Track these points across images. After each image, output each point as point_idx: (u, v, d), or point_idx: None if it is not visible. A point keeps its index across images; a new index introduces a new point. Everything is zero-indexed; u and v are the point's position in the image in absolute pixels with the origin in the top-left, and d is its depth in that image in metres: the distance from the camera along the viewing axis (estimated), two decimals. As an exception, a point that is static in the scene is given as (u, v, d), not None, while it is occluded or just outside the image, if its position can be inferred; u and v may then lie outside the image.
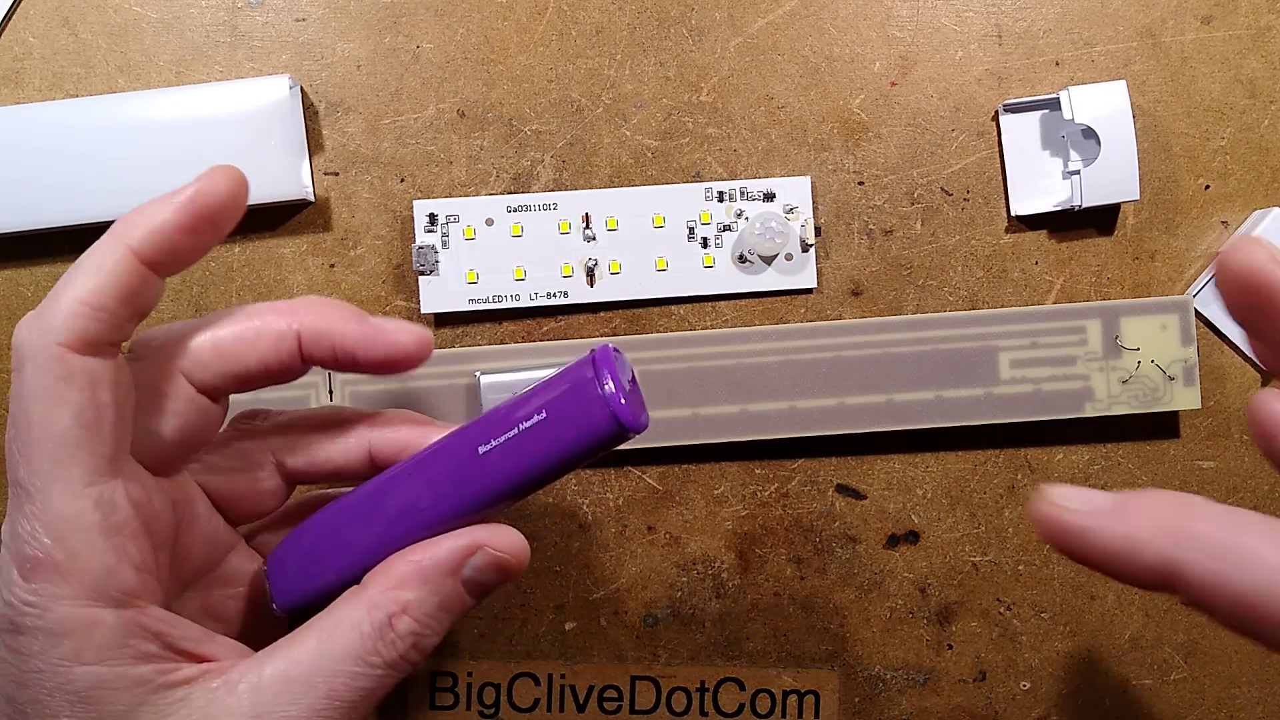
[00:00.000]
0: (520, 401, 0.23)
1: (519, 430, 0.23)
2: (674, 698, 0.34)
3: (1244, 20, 0.33)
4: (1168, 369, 0.32)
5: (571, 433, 0.23)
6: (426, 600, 0.22)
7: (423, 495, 0.23)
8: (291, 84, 0.33)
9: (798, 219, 0.33)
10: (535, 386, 0.24)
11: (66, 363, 0.20)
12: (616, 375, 0.22)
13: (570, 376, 0.23)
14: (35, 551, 0.20)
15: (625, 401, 0.22)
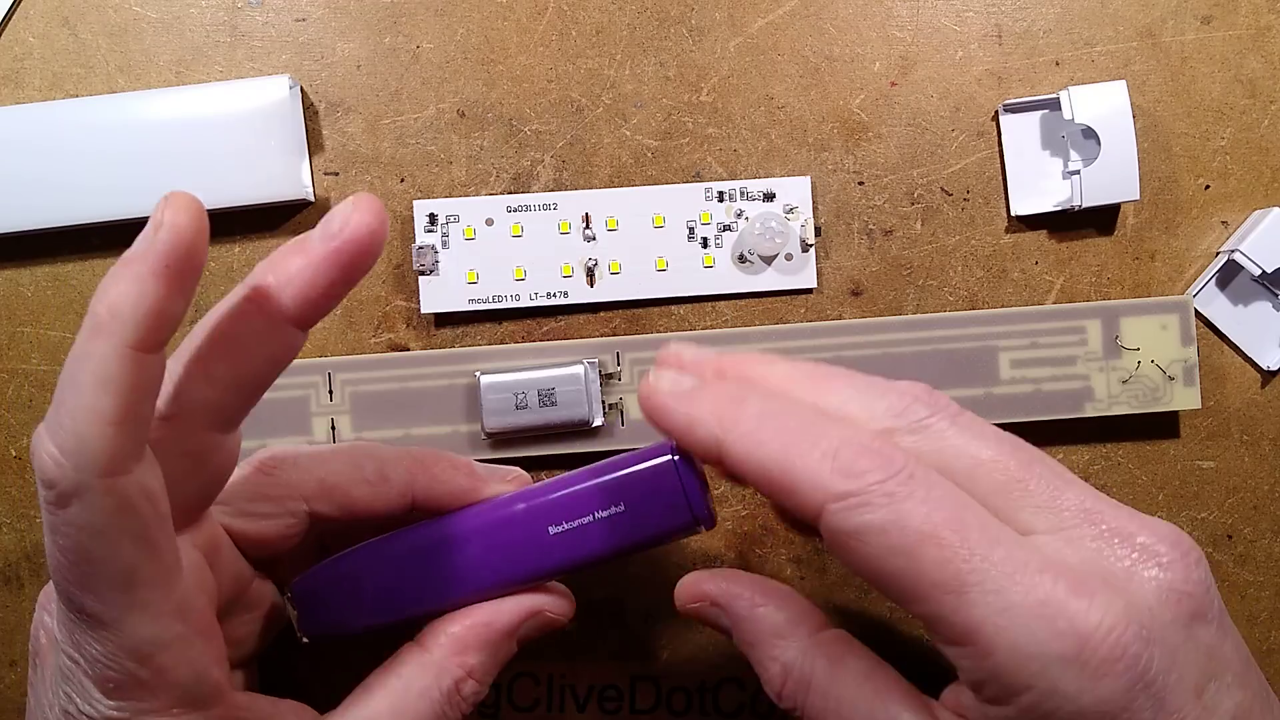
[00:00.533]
0: (597, 485, 0.24)
1: (594, 518, 0.24)
2: (674, 698, 0.34)
3: (1244, 20, 0.33)
4: (1168, 369, 0.32)
5: (648, 528, 0.23)
6: (487, 663, 0.24)
7: (487, 562, 0.24)
8: (291, 84, 0.33)
9: (798, 219, 0.33)
10: (607, 468, 0.24)
11: (116, 493, 0.19)
12: (694, 473, 0.23)
13: (650, 469, 0.24)
14: (118, 675, 0.19)
15: (703, 500, 0.23)
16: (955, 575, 0.19)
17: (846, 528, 0.20)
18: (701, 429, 0.21)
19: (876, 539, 0.19)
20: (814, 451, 0.20)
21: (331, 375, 0.33)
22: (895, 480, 0.19)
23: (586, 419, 0.32)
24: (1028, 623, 0.18)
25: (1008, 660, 0.18)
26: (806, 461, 0.20)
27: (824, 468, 0.20)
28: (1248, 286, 0.33)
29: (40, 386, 0.34)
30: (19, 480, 0.34)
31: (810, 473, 0.20)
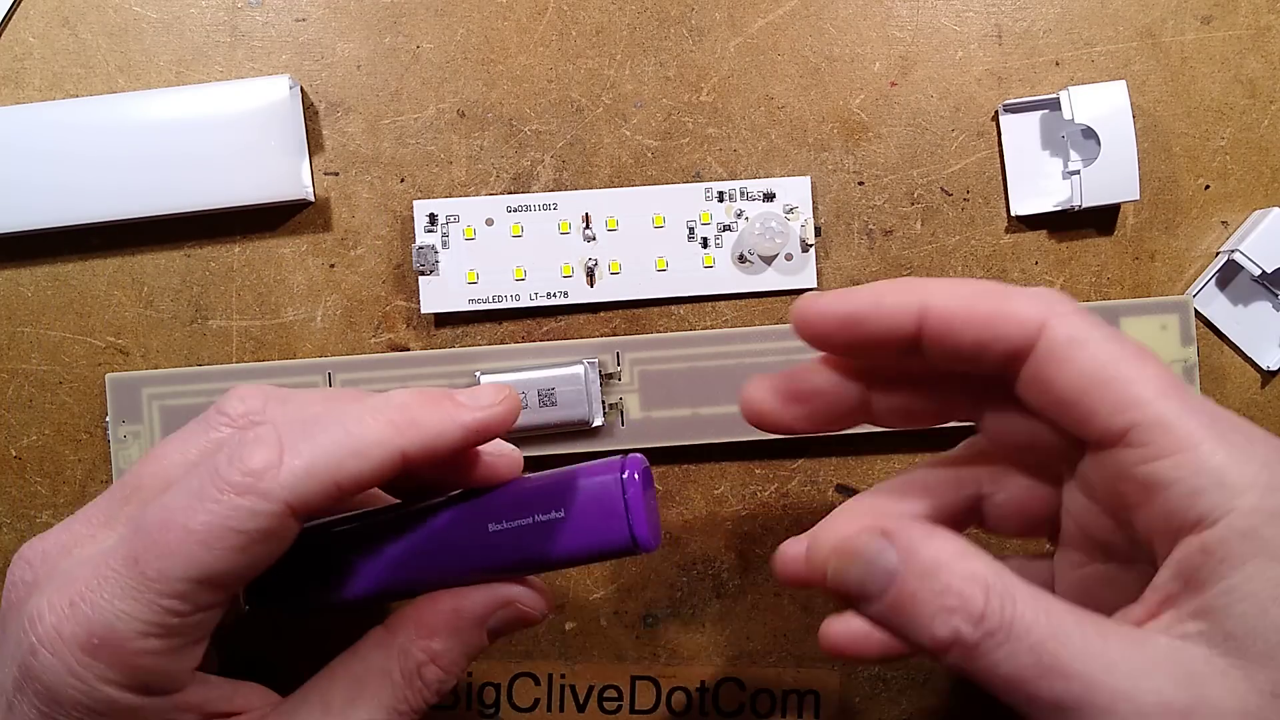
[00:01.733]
0: (542, 488, 0.23)
1: (533, 520, 0.23)
2: (674, 698, 0.34)
3: (1244, 20, 0.33)
4: (1168, 369, 0.32)
5: (583, 539, 0.23)
6: (454, 649, 0.23)
7: (428, 554, 0.23)
8: (291, 84, 0.33)
9: (798, 219, 0.33)
10: (559, 474, 0.23)
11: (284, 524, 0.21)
12: (641, 494, 0.23)
13: (596, 482, 0.23)
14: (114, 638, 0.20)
15: (646, 522, 0.23)
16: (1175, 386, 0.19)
17: (1071, 333, 0.20)
18: (893, 295, 0.21)
19: (1101, 345, 0.20)
20: (1018, 291, 0.21)
21: (331, 375, 0.33)
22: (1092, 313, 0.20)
23: (586, 419, 0.32)
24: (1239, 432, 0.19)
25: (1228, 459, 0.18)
26: (1016, 295, 0.20)
27: (1034, 297, 0.20)
28: (1248, 286, 0.33)
29: (40, 386, 0.34)
30: (19, 480, 0.34)
31: (1025, 299, 0.20)
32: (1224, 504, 0.18)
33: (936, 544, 0.19)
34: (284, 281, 0.34)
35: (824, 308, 0.21)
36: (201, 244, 0.34)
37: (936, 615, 0.18)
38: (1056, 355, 0.20)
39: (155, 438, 0.33)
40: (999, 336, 0.20)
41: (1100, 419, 0.19)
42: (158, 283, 0.34)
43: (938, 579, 0.19)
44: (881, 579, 0.19)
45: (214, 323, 0.34)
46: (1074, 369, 0.19)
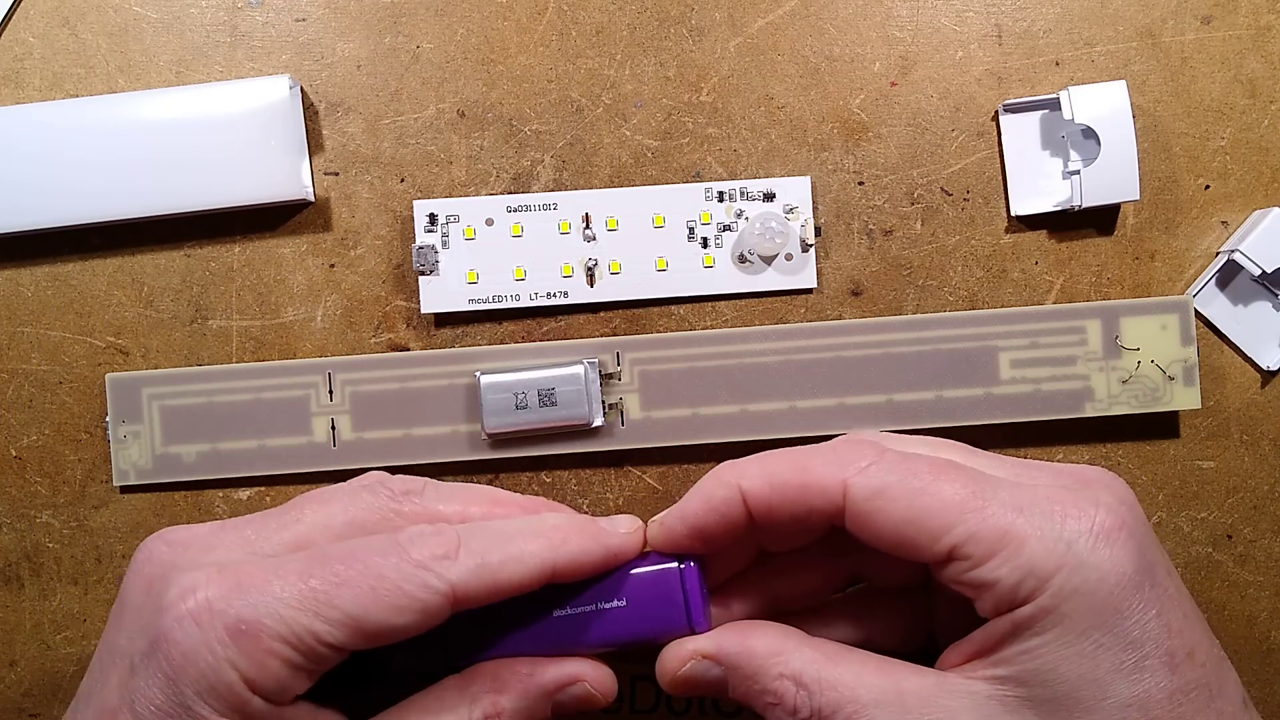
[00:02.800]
0: (607, 577, 0.26)
1: (596, 608, 0.25)
2: (674, 698, 0.34)
3: (1244, 20, 0.33)
4: (1168, 369, 0.32)
5: (645, 627, 0.25)
6: (519, 712, 0.24)
7: (498, 632, 0.25)
8: (291, 84, 0.33)
9: (798, 219, 0.33)
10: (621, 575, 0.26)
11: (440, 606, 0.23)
12: (700, 588, 0.25)
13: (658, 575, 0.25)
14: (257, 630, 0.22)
15: (703, 611, 0.25)
16: (974, 494, 0.22)
17: (871, 489, 0.23)
18: (719, 494, 0.24)
19: (898, 489, 0.23)
20: (820, 457, 0.24)
21: (331, 375, 0.33)
22: (891, 452, 0.23)
23: (586, 419, 0.32)
24: (1043, 516, 0.22)
25: (1039, 547, 0.22)
26: (817, 463, 0.24)
27: (833, 461, 0.24)
28: (1248, 286, 0.33)
29: (40, 386, 0.34)
30: (19, 480, 0.34)
31: (824, 466, 0.24)
32: (1036, 589, 0.22)
33: (752, 648, 0.24)
34: (284, 281, 0.34)
35: (669, 530, 0.25)
36: (201, 244, 0.34)
37: (765, 708, 0.24)
38: (864, 512, 0.23)
39: (155, 437, 0.33)
40: (812, 508, 0.24)
41: (923, 552, 0.23)
42: (158, 283, 0.34)
43: (757, 681, 0.24)
44: (720, 689, 0.25)
45: (214, 323, 0.34)
46: (883, 520, 0.23)
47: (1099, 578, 0.21)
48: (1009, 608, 0.22)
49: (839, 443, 0.24)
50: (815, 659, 0.24)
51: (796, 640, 0.24)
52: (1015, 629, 0.22)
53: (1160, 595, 0.22)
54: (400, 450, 0.33)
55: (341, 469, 0.33)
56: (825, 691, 0.23)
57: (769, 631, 0.25)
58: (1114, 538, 0.22)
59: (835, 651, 0.24)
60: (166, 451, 0.33)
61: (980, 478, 0.23)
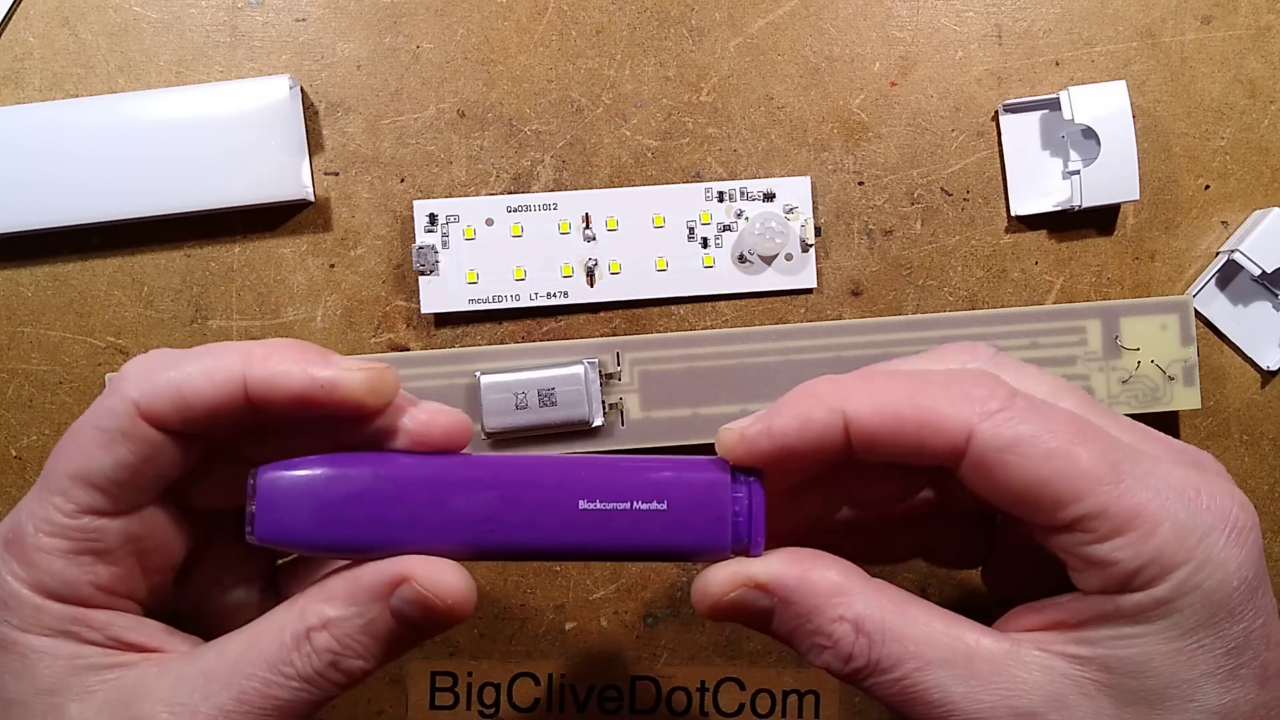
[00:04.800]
0: (646, 475, 0.22)
1: (631, 506, 0.22)
2: (674, 698, 0.34)
3: (1244, 20, 0.33)
4: (1167, 369, 0.32)
5: (683, 538, 0.22)
6: (349, 621, 0.21)
7: (496, 516, 0.22)
8: (291, 84, 0.33)
9: (798, 219, 0.33)
10: (662, 463, 0.22)
11: (134, 423, 0.21)
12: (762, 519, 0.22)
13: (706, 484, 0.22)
14: (20, 533, 0.22)
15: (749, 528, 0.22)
16: (1113, 465, 0.20)
17: (1002, 440, 0.20)
18: (817, 416, 0.21)
19: (1030, 445, 0.20)
20: (942, 391, 0.21)
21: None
22: (1022, 397, 0.21)
23: (586, 419, 0.32)
24: (1180, 501, 0.20)
25: (1171, 535, 0.20)
26: (940, 397, 0.21)
27: (959, 397, 0.20)
28: (1248, 286, 0.33)
29: (40, 386, 0.34)
30: (19, 480, 0.34)
31: (949, 403, 0.20)
32: (1156, 577, 0.20)
33: (813, 583, 0.21)
34: (284, 281, 0.34)
35: (750, 445, 0.22)
36: (201, 244, 0.34)
37: (811, 649, 0.21)
38: (990, 463, 0.20)
39: (155, 438, 0.33)
40: (926, 448, 0.21)
41: (1044, 517, 0.20)
42: (158, 283, 0.34)
43: (811, 620, 0.21)
44: (764, 622, 0.22)
45: (214, 323, 0.34)
46: (1008, 474, 0.20)
47: (1223, 577, 0.20)
48: (1118, 589, 0.20)
49: (961, 375, 0.21)
50: (882, 604, 0.21)
51: (861, 580, 0.22)
52: (1117, 612, 0.20)
53: (1268, 604, 0.20)
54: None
55: (341, 469, 0.33)
56: (888, 643, 0.21)
57: (831, 566, 0.22)
58: (1245, 537, 0.20)
59: (901, 599, 0.21)
60: (166, 451, 0.33)
61: (1117, 446, 0.20)
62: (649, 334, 0.33)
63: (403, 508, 0.21)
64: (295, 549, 0.22)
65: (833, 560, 0.22)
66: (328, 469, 0.21)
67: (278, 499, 0.21)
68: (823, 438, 0.21)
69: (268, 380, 0.21)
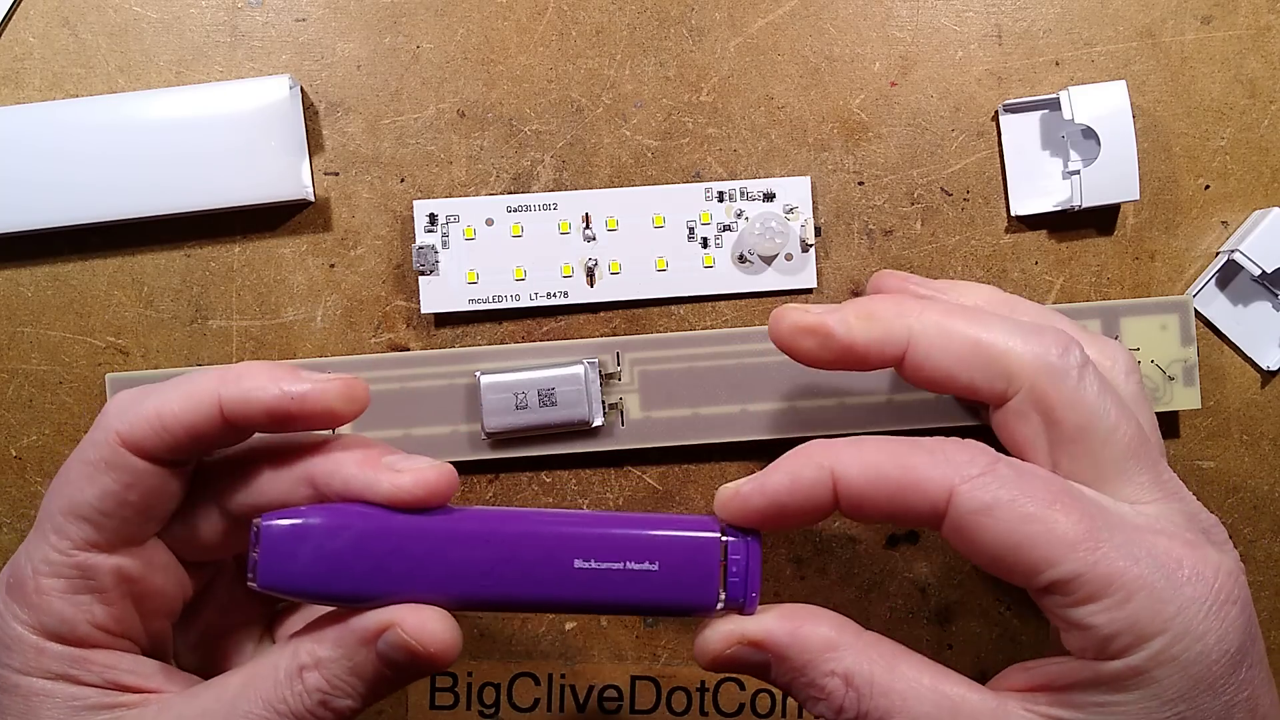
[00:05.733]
0: (638, 529, 0.23)
1: (625, 566, 0.23)
2: (674, 698, 0.34)
3: (1244, 20, 0.33)
4: (1167, 369, 0.32)
5: (673, 597, 0.23)
6: (338, 662, 0.22)
7: (493, 571, 0.22)
8: (291, 84, 0.33)
9: (798, 219, 0.33)
10: (654, 522, 0.23)
11: (116, 453, 0.22)
12: (757, 577, 0.23)
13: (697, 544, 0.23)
14: (21, 577, 0.22)
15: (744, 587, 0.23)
16: (1089, 531, 0.20)
17: (980, 503, 0.21)
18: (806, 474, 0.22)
19: (1008, 509, 0.21)
20: (926, 455, 0.22)
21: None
22: (1004, 463, 0.22)
23: (586, 419, 0.32)
24: (1159, 571, 0.20)
25: (1146, 604, 0.20)
26: (924, 461, 0.22)
27: (942, 462, 0.22)
28: (1248, 286, 0.33)
29: (40, 386, 0.34)
30: (19, 480, 0.34)
31: (931, 466, 0.22)
32: (1132, 645, 0.20)
33: (805, 639, 0.23)
34: (284, 281, 0.34)
35: (744, 501, 0.23)
36: (201, 244, 0.34)
37: (806, 700, 0.23)
38: (966, 525, 0.21)
39: (155, 438, 0.33)
40: (909, 509, 0.22)
41: (1020, 579, 0.21)
42: (158, 283, 0.34)
43: (804, 674, 0.22)
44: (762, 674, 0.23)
45: (214, 323, 0.34)
46: (985, 537, 0.21)
47: (1202, 650, 0.20)
48: (1097, 656, 0.21)
49: (946, 442, 0.22)
50: (870, 659, 0.22)
51: (852, 635, 0.23)
52: (1098, 679, 0.21)
53: (1254, 677, 0.21)
54: (400, 450, 0.33)
55: (341, 469, 0.33)
56: (876, 696, 0.22)
57: (822, 621, 0.23)
58: (1226, 611, 0.20)
59: (891, 653, 0.23)
60: (166, 451, 0.33)
61: (1098, 513, 0.21)
62: (649, 334, 0.33)
63: (402, 559, 0.22)
64: (296, 597, 0.22)
65: (826, 615, 0.23)
66: (329, 519, 0.22)
67: (280, 547, 0.22)
68: (811, 495, 0.22)
69: (241, 397, 0.22)
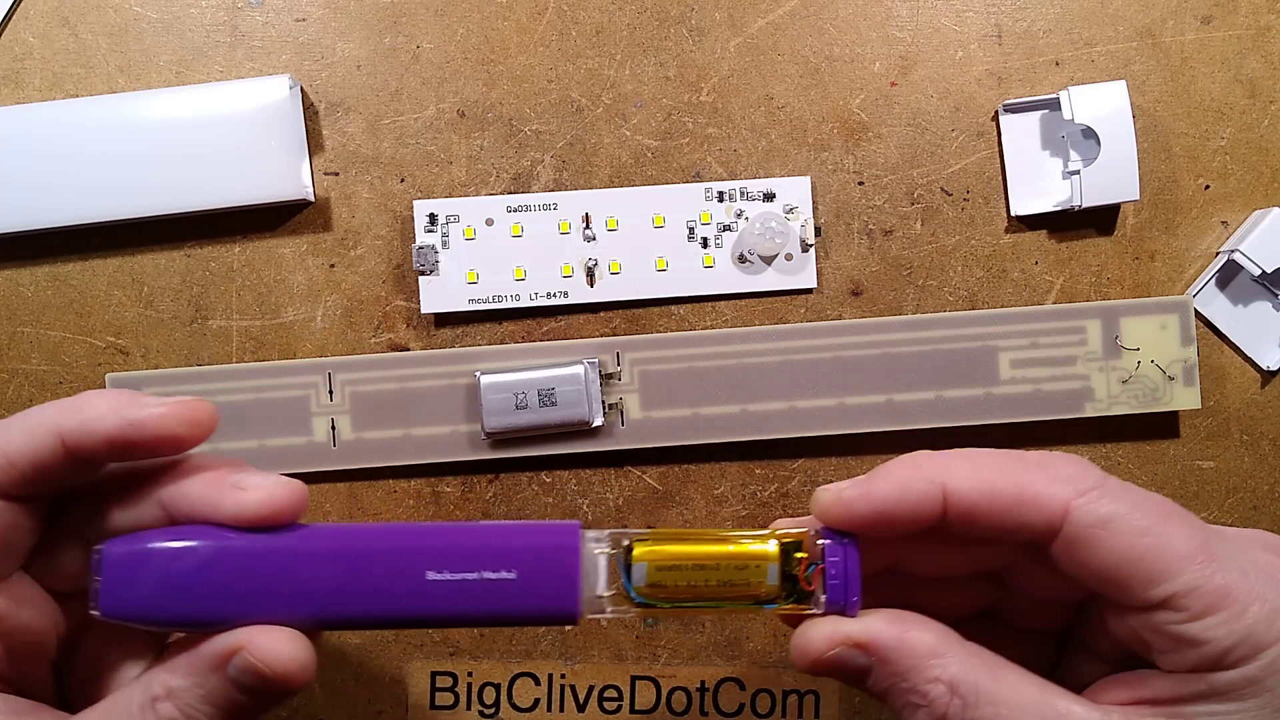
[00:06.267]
0: (492, 538, 0.22)
1: (479, 576, 0.22)
2: (674, 698, 0.34)
3: (1244, 20, 0.33)
4: (1167, 369, 0.32)
5: (533, 605, 0.22)
6: (190, 691, 0.22)
7: (342, 585, 0.22)
8: (291, 84, 0.33)
9: (798, 219, 0.33)
10: (503, 529, 0.22)
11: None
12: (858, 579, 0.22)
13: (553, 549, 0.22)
14: None
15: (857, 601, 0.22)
16: (1203, 545, 0.21)
17: (1097, 517, 0.21)
18: (916, 485, 0.22)
19: (1124, 523, 0.21)
20: (1039, 470, 0.22)
21: (331, 375, 0.33)
22: (1113, 479, 0.22)
23: (586, 419, 0.32)
24: (1269, 582, 0.21)
25: (1261, 615, 0.20)
26: (1037, 476, 0.22)
27: (1055, 477, 0.22)
28: (1248, 286, 0.33)
29: (40, 386, 0.34)
30: (19, 480, 0.34)
31: (1045, 482, 0.21)
32: (1248, 656, 0.20)
33: (910, 643, 0.22)
34: (284, 281, 0.34)
35: (847, 507, 0.22)
36: (201, 244, 0.34)
37: (905, 706, 0.22)
38: (1084, 539, 0.21)
39: (155, 438, 0.33)
40: (1023, 524, 0.22)
41: (1135, 594, 0.21)
42: (158, 283, 0.34)
43: (907, 679, 0.22)
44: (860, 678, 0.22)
45: (214, 323, 0.34)
46: (1104, 551, 0.21)
47: None
48: (1211, 668, 0.21)
49: (1053, 457, 0.22)
50: (976, 667, 0.22)
51: (956, 643, 0.22)
52: (1210, 690, 0.21)
53: None
54: (400, 450, 0.33)
55: (341, 469, 0.33)
56: (982, 705, 0.21)
57: (928, 628, 0.22)
58: None
59: (995, 663, 0.22)
60: (166, 451, 0.33)
61: (1205, 528, 0.21)
62: (649, 334, 0.33)
63: (248, 580, 0.22)
64: (142, 624, 0.22)
65: (929, 622, 0.22)
66: (172, 542, 0.22)
67: (122, 573, 0.21)
68: (919, 507, 0.22)
69: (80, 428, 0.22)
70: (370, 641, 0.34)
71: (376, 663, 0.34)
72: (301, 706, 0.34)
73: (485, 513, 0.34)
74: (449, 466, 0.33)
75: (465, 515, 0.34)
